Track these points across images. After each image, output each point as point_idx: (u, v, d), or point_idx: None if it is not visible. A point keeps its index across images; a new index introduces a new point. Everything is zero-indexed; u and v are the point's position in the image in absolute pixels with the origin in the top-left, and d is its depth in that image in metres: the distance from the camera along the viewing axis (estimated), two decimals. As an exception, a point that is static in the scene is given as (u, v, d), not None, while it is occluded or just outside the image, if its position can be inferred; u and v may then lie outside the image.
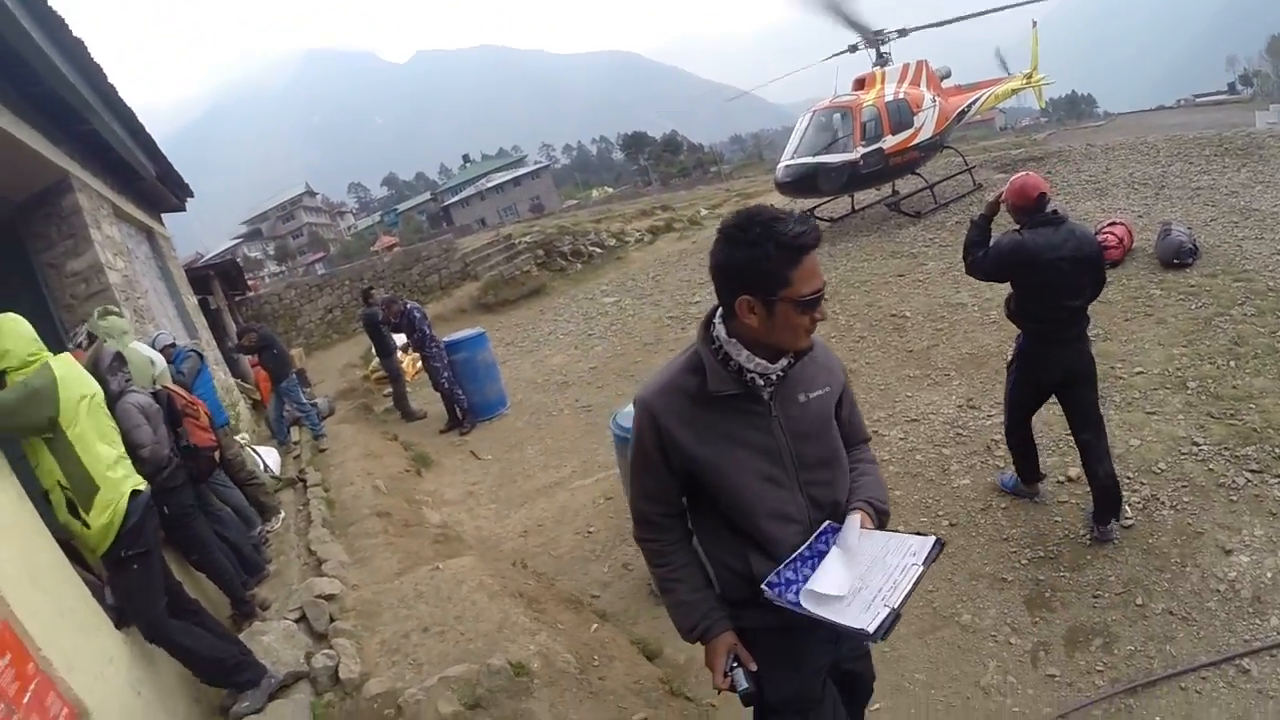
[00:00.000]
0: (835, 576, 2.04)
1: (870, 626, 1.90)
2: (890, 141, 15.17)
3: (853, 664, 2.63)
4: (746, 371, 2.08)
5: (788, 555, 2.13)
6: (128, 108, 7.24)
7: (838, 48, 17.54)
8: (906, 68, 16.52)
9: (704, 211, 23.76)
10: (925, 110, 15.92)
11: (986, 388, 7.25)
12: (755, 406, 2.14)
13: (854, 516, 2.18)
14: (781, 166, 15.48)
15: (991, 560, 4.91)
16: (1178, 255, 8.97)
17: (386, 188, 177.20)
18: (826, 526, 2.19)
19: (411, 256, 22.77)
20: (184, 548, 4.84)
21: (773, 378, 2.11)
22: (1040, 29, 20.56)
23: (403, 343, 11.44)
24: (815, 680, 2.38)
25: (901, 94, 15.75)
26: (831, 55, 17.38)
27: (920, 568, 2.01)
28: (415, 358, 12.17)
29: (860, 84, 16.26)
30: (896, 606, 1.93)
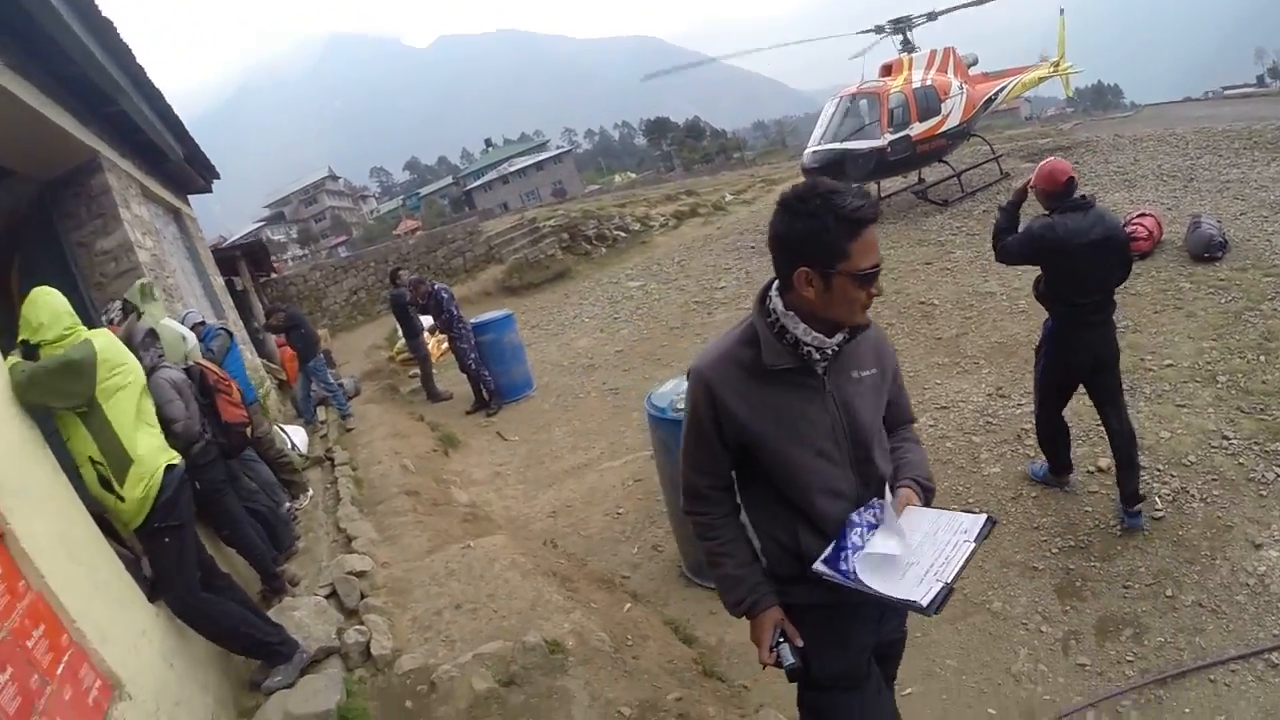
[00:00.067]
0: (887, 550, 2.02)
1: (924, 600, 1.89)
2: (918, 129, 15.07)
3: (893, 645, 2.64)
4: (803, 345, 2.06)
5: (837, 531, 2.12)
6: (156, 89, 7.23)
7: (859, 34, 17.42)
8: (934, 54, 16.38)
9: (729, 197, 23.54)
10: (952, 98, 15.80)
11: (1016, 377, 7.21)
12: (809, 381, 2.12)
13: (903, 492, 2.19)
14: (809, 152, 15.35)
15: (1022, 548, 4.91)
16: (1207, 249, 8.89)
17: (409, 172, 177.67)
18: (875, 502, 2.16)
19: (436, 239, 22.69)
20: (215, 523, 4.84)
21: (828, 352, 2.09)
22: (1066, 18, 20.32)
23: (429, 324, 11.43)
24: (861, 658, 2.36)
25: (929, 81, 15.63)
26: (859, 32, 17.20)
27: (972, 544, 2.00)
28: (441, 339, 12.17)
29: (887, 70, 16.13)
30: (950, 581, 1.92)
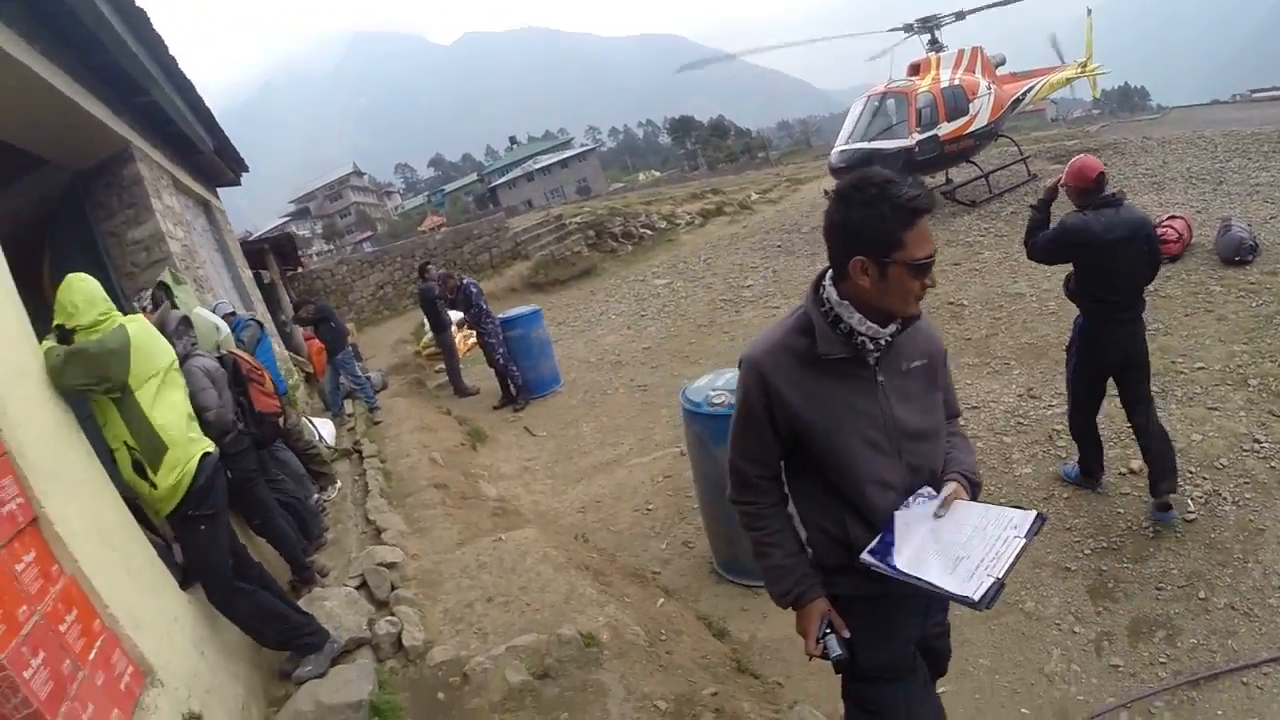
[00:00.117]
0: (936, 544, 2.05)
1: (975, 594, 1.89)
2: (945, 129, 14.97)
3: (936, 640, 2.63)
4: (857, 335, 2.07)
5: (885, 522, 2.13)
6: (188, 80, 7.25)
7: (888, 33, 17.31)
8: (961, 54, 16.28)
9: (754, 196, 23.48)
10: (981, 98, 15.69)
11: (1047, 378, 7.18)
12: (862, 371, 2.13)
13: (950, 485, 2.18)
14: (836, 151, 15.29)
15: (1055, 549, 4.89)
16: (1238, 252, 8.83)
17: (433, 169, 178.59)
18: (923, 493, 2.17)
19: (462, 235, 22.74)
20: (246, 512, 4.82)
21: (881, 342, 2.10)
22: (1092, 18, 20.14)
23: (458, 319, 11.42)
24: (906, 649, 2.37)
25: (957, 80, 15.53)
26: (889, 30, 17.09)
27: (1023, 540, 1.99)
28: (468, 334, 12.15)
29: (915, 69, 16.04)
30: (1000, 576, 1.91)
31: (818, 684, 4.06)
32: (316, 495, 6.47)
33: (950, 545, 2.03)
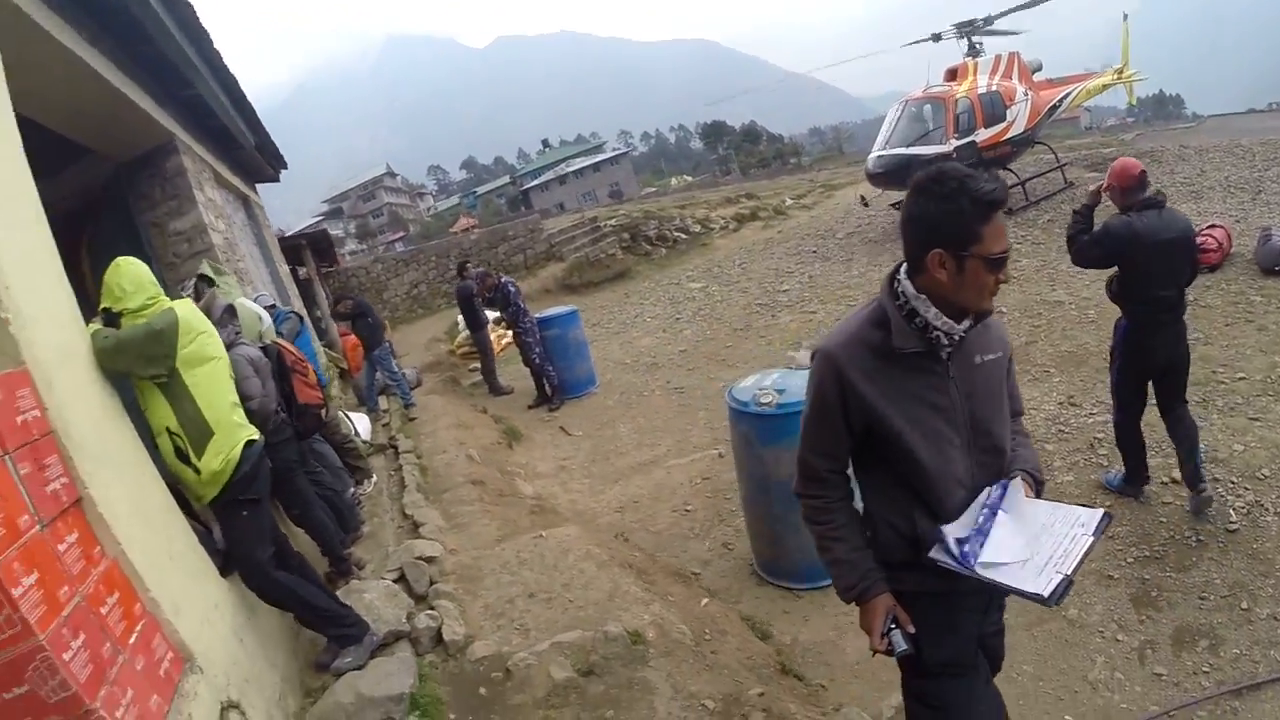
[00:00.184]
0: (1009, 540, 2.04)
1: (1045, 590, 1.90)
2: (983, 135, 14.90)
3: (991, 639, 2.60)
4: (932, 329, 2.08)
5: (953, 517, 2.13)
6: (231, 74, 7.28)
7: (922, 37, 17.22)
8: (999, 59, 16.18)
9: (789, 201, 23.40)
10: (1018, 104, 15.57)
11: (1088, 386, 7.11)
12: (935, 366, 2.13)
13: (1017, 482, 2.17)
14: (873, 157, 15.18)
15: (1098, 557, 4.82)
16: (1278, 262, 8.73)
17: (465, 171, 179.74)
18: (992, 490, 2.16)
19: (497, 235, 22.73)
20: (285, 503, 4.81)
21: (955, 337, 2.10)
22: (1128, 23, 19.91)
23: (494, 317, 11.40)
24: (969, 646, 2.37)
25: (995, 86, 15.41)
26: (932, 35, 16.99)
27: (1091, 538, 2.00)
28: (503, 332, 12.13)
29: (952, 75, 15.93)
30: (1069, 573, 1.93)
31: (860, 688, 4.05)
32: (352, 489, 6.45)
33: (1020, 542, 2.03)
